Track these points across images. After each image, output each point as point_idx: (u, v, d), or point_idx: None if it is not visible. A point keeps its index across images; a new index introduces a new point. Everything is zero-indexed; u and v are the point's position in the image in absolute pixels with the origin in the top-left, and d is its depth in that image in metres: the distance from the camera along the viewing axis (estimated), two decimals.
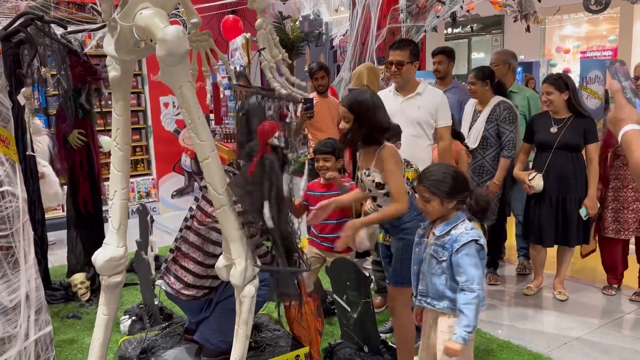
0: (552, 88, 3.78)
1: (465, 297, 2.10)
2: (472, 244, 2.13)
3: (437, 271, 2.22)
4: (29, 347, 1.79)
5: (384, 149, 2.59)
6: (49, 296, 4.06)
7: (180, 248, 2.47)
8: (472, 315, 2.09)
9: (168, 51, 1.77)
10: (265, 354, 2.56)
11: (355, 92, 2.73)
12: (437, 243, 2.22)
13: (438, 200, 2.21)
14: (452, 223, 2.21)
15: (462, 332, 2.08)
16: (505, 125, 4.03)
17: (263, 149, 2.03)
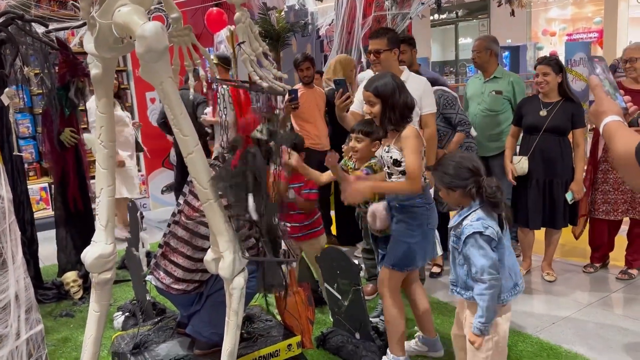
0: (549, 69, 3.77)
1: (478, 288, 2.13)
2: (475, 235, 2.13)
3: (460, 262, 2.25)
4: (20, 346, 1.80)
5: (407, 129, 2.63)
6: (42, 295, 4.08)
7: (169, 243, 2.49)
8: (484, 305, 2.11)
9: (147, 47, 1.77)
10: (257, 345, 2.59)
11: (377, 76, 2.75)
12: (455, 234, 2.25)
13: (445, 191, 2.26)
14: (464, 214, 2.22)
15: (477, 322, 2.12)
16: (448, 110, 4.01)
17: (246, 142, 2.04)
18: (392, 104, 2.62)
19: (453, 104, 4.03)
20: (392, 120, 2.64)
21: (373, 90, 2.66)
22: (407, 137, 2.61)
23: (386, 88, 2.63)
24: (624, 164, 1.27)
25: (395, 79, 2.68)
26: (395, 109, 2.62)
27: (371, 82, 2.71)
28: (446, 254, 3.07)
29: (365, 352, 3.01)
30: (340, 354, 3.11)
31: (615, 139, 1.33)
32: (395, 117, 2.63)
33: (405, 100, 2.64)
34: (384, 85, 2.64)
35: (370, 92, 2.67)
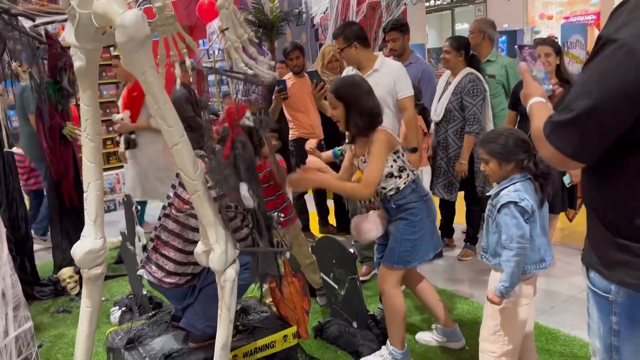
0: (550, 49, 3.65)
1: (505, 255, 2.19)
2: (510, 205, 2.17)
3: (492, 229, 2.29)
4: (9, 344, 1.78)
5: (376, 133, 2.58)
6: (39, 292, 4.07)
7: (160, 236, 2.46)
8: (509, 271, 2.17)
9: (127, 37, 1.73)
10: (253, 336, 2.57)
11: (343, 78, 2.71)
12: (492, 203, 2.29)
13: (496, 162, 2.25)
14: (504, 184, 2.26)
15: (500, 285, 2.18)
16: (468, 98, 3.93)
17: (234, 131, 2.00)
18: (359, 109, 2.56)
19: (475, 95, 3.93)
20: (360, 126, 2.58)
21: (334, 92, 2.60)
22: (375, 141, 2.56)
23: (348, 92, 2.57)
24: (537, 139, 1.38)
25: (361, 84, 2.62)
26: (362, 114, 2.56)
27: (336, 83, 2.67)
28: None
29: (363, 341, 2.99)
30: (337, 343, 3.10)
31: (535, 117, 1.45)
32: (363, 122, 2.57)
33: (372, 105, 2.57)
34: (346, 87, 2.58)
35: (332, 94, 2.61)
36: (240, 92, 2.05)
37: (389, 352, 2.81)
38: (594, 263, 1.43)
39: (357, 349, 2.98)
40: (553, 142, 1.31)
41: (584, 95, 1.25)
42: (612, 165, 1.32)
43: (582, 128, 1.26)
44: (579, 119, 1.26)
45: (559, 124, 1.30)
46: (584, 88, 1.26)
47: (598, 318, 1.44)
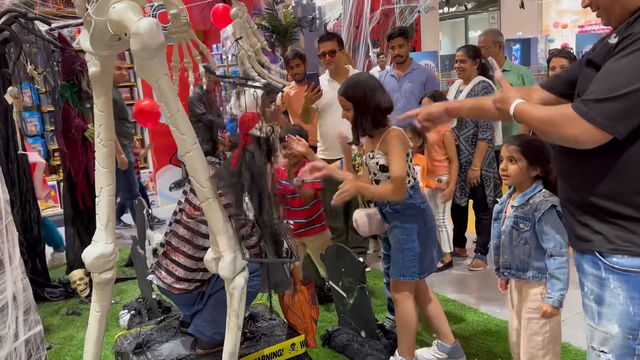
0: (566, 62, 3.65)
1: (556, 262, 2.15)
2: (553, 209, 2.15)
3: (520, 242, 2.24)
4: (19, 347, 1.79)
5: (390, 131, 2.55)
6: (49, 294, 4.09)
7: (170, 242, 2.47)
8: (565, 278, 2.14)
9: (142, 44, 1.74)
10: (260, 344, 2.57)
11: (349, 78, 2.69)
12: (517, 214, 2.24)
13: (525, 163, 2.21)
14: (530, 193, 2.23)
15: (559, 295, 2.14)
16: None
17: (244, 140, 2.01)
18: (363, 109, 2.53)
19: None
20: (363, 126, 2.55)
21: (343, 94, 2.57)
22: (390, 140, 2.52)
23: (356, 91, 2.53)
24: (554, 122, 1.52)
25: (370, 80, 2.59)
26: (366, 114, 2.53)
27: (343, 85, 2.62)
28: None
29: (371, 351, 2.97)
30: (345, 353, 3.08)
31: (531, 110, 1.61)
32: (366, 122, 2.54)
33: (378, 103, 2.52)
34: (353, 87, 2.54)
35: (342, 96, 2.58)
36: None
37: None
38: (619, 247, 1.52)
39: (364, 359, 2.96)
40: (590, 117, 1.44)
41: (631, 78, 1.40)
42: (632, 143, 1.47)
43: (626, 105, 1.41)
44: (625, 96, 1.40)
45: (599, 101, 1.44)
46: (627, 72, 1.42)
47: (627, 298, 1.51)
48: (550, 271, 2.18)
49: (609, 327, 1.57)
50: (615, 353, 1.57)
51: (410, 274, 2.64)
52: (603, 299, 1.58)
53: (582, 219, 1.61)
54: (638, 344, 1.52)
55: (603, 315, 1.58)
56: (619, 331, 1.54)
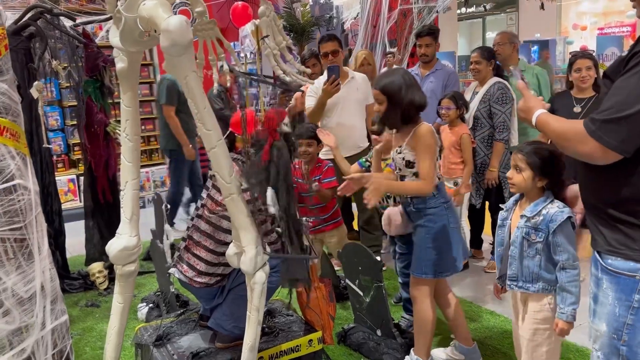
0: (591, 63, 3.64)
1: (569, 275, 2.11)
2: (568, 221, 2.12)
3: (530, 253, 2.19)
4: (45, 336, 1.83)
5: (420, 127, 2.55)
6: (68, 285, 4.16)
7: (192, 236, 2.50)
8: (576, 291, 2.11)
9: (172, 41, 1.77)
10: (278, 339, 2.59)
11: (385, 73, 2.70)
12: (529, 225, 2.18)
13: (530, 173, 2.16)
14: (542, 203, 2.17)
15: (571, 310, 2.10)
16: (497, 106, 3.92)
17: (272, 137, 2.03)
18: (397, 103, 2.53)
19: (505, 102, 3.92)
20: (392, 119, 2.57)
21: (380, 88, 2.57)
22: (420, 137, 2.53)
23: (393, 85, 2.53)
24: (569, 138, 1.57)
25: (406, 76, 2.59)
26: (398, 108, 2.53)
27: (379, 79, 2.64)
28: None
29: (387, 350, 2.99)
30: (361, 351, 3.10)
31: (552, 122, 1.66)
32: (396, 116, 2.55)
33: (412, 99, 2.53)
34: (391, 82, 2.54)
35: (378, 90, 2.58)
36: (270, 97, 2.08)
37: None
38: (615, 249, 1.58)
39: (380, 357, 2.98)
40: (598, 137, 1.48)
41: (638, 98, 1.43)
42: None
43: (632, 125, 1.44)
44: (630, 117, 1.44)
45: (607, 122, 1.47)
46: (634, 92, 1.44)
47: (614, 299, 1.58)
48: (561, 284, 2.13)
49: (599, 326, 1.64)
50: (603, 351, 1.64)
51: (433, 271, 2.65)
52: (597, 297, 1.66)
53: (594, 221, 1.67)
54: (622, 345, 1.58)
55: (596, 314, 1.66)
56: (607, 330, 1.62)
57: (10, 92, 1.73)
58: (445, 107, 3.75)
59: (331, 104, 3.90)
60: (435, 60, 4.52)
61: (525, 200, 2.27)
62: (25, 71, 3.65)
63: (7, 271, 1.72)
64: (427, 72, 4.44)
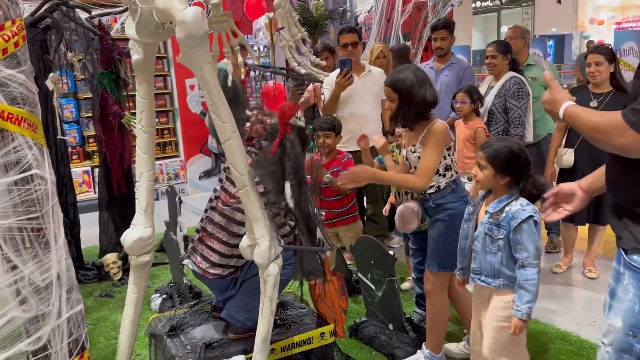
0: (601, 58, 3.59)
1: (527, 273, 2.10)
2: (529, 219, 2.10)
3: (493, 249, 2.20)
4: (61, 324, 1.85)
5: (434, 125, 2.54)
6: (83, 276, 4.20)
7: (205, 228, 2.51)
8: (534, 290, 2.10)
9: (187, 33, 1.78)
10: (290, 331, 2.60)
11: (397, 70, 2.68)
12: (492, 221, 2.19)
13: (491, 171, 2.16)
14: (506, 200, 2.17)
15: (526, 308, 2.09)
16: (512, 101, 3.87)
17: (284, 129, 2.03)
18: (409, 101, 2.51)
19: (520, 97, 3.88)
20: (405, 117, 2.55)
21: (390, 85, 2.55)
22: (434, 134, 2.51)
23: (404, 83, 2.51)
24: (607, 130, 1.49)
25: (417, 72, 2.56)
26: (410, 106, 2.51)
27: (391, 76, 2.62)
28: None
29: (399, 344, 2.99)
30: (372, 344, 3.10)
31: (584, 114, 1.59)
32: (409, 114, 2.53)
33: (424, 96, 2.50)
34: (402, 80, 2.52)
35: (389, 87, 2.56)
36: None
37: (424, 356, 2.80)
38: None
39: (392, 351, 2.98)
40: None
41: None
42: None
43: None
44: None
45: None
46: None
47: (635, 296, 1.56)
48: (519, 282, 2.12)
49: (614, 321, 1.61)
50: (614, 346, 1.61)
51: (450, 265, 2.63)
52: (615, 292, 1.64)
53: (621, 218, 1.63)
54: (637, 342, 1.56)
55: (612, 309, 1.64)
56: (622, 326, 1.59)
57: (28, 82, 1.74)
58: (460, 101, 3.72)
59: (346, 96, 3.89)
60: (451, 54, 4.50)
61: (491, 196, 2.26)
62: (41, 63, 3.68)
63: (24, 260, 1.74)
64: (442, 65, 4.41)
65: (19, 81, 1.68)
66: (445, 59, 4.45)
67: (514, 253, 2.14)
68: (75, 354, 1.90)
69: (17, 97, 1.68)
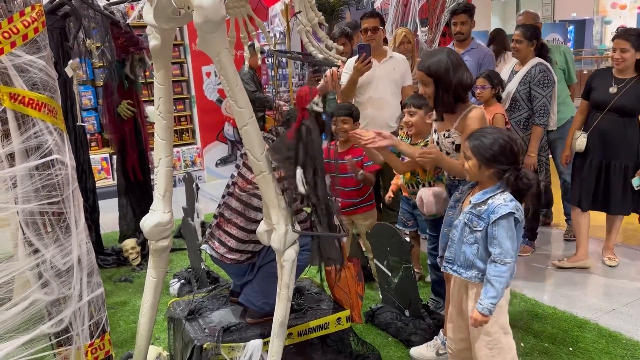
0: (628, 45, 3.47)
1: (497, 270, 2.07)
2: (509, 216, 2.05)
3: (470, 240, 2.16)
4: (82, 307, 1.88)
5: (472, 111, 2.49)
6: (102, 261, 4.26)
7: (223, 214, 2.53)
8: (500, 287, 2.07)
9: (205, 18, 1.77)
10: (307, 316, 2.61)
11: (430, 53, 2.63)
12: (473, 212, 2.15)
13: (476, 162, 2.12)
14: (490, 192, 2.12)
15: (488, 303, 2.06)
16: (537, 89, 3.81)
17: (301, 115, 2.02)
18: (446, 85, 2.46)
19: (546, 86, 3.82)
20: (445, 102, 2.49)
21: (425, 70, 2.50)
22: (472, 120, 2.45)
23: (439, 67, 2.45)
24: None
25: (451, 55, 2.51)
26: (448, 89, 2.46)
27: (424, 60, 2.57)
28: None
29: (415, 330, 2.99)
30: (389, 330, 3.11)
31: None
32: (448, 98, 2.48)
33: (460, 79, 2.45)
34: (436, 63, 2.46)
35: (422, 72, 2.51)
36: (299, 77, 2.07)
37: (441, 342, 2.80)
38: None
39: (408, 337, 2.99)
40: None
41: None
42: None
43: None
44: None
45: None
46: None
47: None
48: (487, 276, 2.09)
49: None
50: None
51: None
52: None
53: None
54: None
55: None
56: None
57: (48, 68, 1.76)
58: (480, 86, 3.67)
59: (365, 81, 3.86)
60: (471, 39, 4.44)
61: (478, 186, 2.23)
62: (60, 50, 3.71)
63: (46, 244, 1.77)
64: (461, 50, 4.36)
65: (39, 67, 1.70)
66: (465, 43, 4.40)
67: (488, 246, 2.11)
68: (96, 336, 1.94)
69: (38, 82, 1.70)
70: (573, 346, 2.90)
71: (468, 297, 2.24)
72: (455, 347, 2.40)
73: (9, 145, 1.70)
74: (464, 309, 2.28)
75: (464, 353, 2.36)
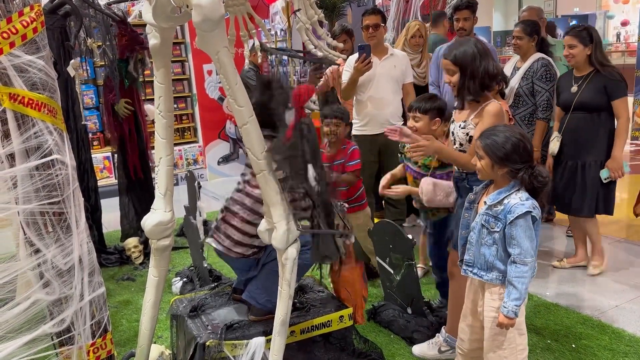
0: (575, 41, 3.45)
1: (518, 270, 2.04)
2: (527, 215, 2.03)
3: (488, 242, 2.13)
4: (84, 307, 1.88)
5: (490, 104, 2.47)
6: (105, 260, 4.27)
7: (229, 208, 2.53)
8: (523, 288, 2.04)
9: (204, 17, 1.77)
10: (310, 314, 2.61)
11: (456, 43, 2.62)
12: (489, 213, 2.12)
13: (489, 162, 2.10)
14: (505, 192, 2.09)
15: (513, 305, 2.04)
16: (540, 83, 3.80)
17: (299, 114, 2.02)
18: (472, 73, 2.45)
19: (548, 80, 3.81)
20: (471, 90, 2.47)
21: (452, 58, 2.49)
22: (488, 114, 2.44)
23: (465, 55, 2.45)
24: None
25: (478, 44, 2.51)
26: (475, 77, 2.45)
27: (451, 49, 2.55)
28: None
29: (417, 327, 2.99)
30: (391, 328, 3.11)
31: None
32: (474, 86, 2.46)
33: (487, 68, 2.45)
34: (463, 52, 2.46)
35: (449, 60, 2.50)
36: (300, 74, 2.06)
37: (444, 339, 2.80)
38: None
39: (410, 335, 2.99)
40: None
41: None
42: None
43: None
44: None
45: None
46: None
47: None
48: (509, 278, 2.06)
49: None
50: None
51: None
52: None
53: None
54: None
55: None
56: None
57: (47, 68, 1.75)
58: None
59: (366, 79, 3.84)
60: (473, 34, 4.42)
61: (492, 186, 2.20)
62: (61, 49, 3.71)
63: (47, 244, 1.77)
64: None
65: (38, 67, 1.70)
66: None
67: (507, 247, 2.08)
68: (98, 335, 1.94)
69: (37, 82, 1.70)
70: (576, 343, 2.89)
71: (484, 297, 2.22)
72: (467, 347, 2.37)
73: (9, 145, 1.70)
74: (479, 309, 2.26)
75: (475, 353, 2.35)
